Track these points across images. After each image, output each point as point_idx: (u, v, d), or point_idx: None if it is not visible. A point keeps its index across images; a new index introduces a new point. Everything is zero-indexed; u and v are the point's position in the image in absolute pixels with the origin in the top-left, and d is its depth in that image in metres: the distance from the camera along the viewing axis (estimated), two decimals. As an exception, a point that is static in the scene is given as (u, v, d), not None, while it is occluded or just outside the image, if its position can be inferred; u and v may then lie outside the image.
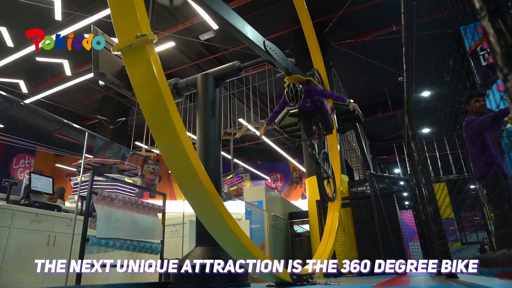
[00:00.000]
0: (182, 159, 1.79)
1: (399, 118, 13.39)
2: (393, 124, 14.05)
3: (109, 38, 3.47)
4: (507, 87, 0.57)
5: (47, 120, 11.54)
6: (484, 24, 0.63)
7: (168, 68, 10.86)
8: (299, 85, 3.94)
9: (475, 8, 0.70)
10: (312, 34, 5.83)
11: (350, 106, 4.10)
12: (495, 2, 0.61)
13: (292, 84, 3.93)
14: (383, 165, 19.89)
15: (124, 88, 3.49)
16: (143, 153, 11.64)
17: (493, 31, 0.61)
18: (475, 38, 6.44)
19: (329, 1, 8.91)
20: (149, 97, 1.64)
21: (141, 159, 13.11)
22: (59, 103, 12.70)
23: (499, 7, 0.60)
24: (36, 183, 4.03)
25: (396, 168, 19.05)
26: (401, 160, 17.05)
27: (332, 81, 9.30)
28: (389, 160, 19.30)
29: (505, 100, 2.84)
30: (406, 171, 10.78)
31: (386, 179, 7.67)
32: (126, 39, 1.65)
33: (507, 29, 0.59)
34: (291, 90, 3.89)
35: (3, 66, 9.13)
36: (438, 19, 2.17)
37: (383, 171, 19.17)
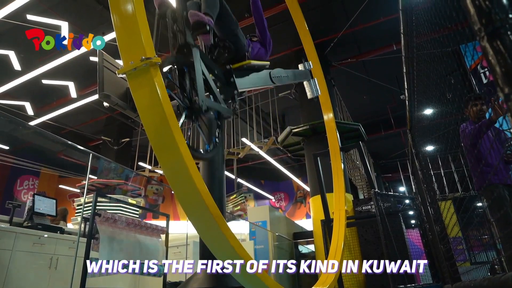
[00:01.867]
0: (186, 180, 1.79)
1: (402, 136, 13.39)
2: (397, 142, 14.03)
3: (114, 61, 3.54)
4: (509, 106, 0.58)
5: (52, 142, 11.65)
6: (483, 45, 0.64)
7: (172, 90, 10.98)
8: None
9: (473, 29, 0.71)
10: (313, 54, 5.91)
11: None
12: (492, 24, 0.62)
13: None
14: (388, 184, 19.75)
15: (128, 110, 3.52)
16: (146, 173, 11.64)
17: (492, 52, 0.62)
18: (475, 56, 6.51)
19: (329, 22, 9.09)
20: (153, 119, 1.66)
21: (145, 180, 13.11)
22: (64, 125, 12.83)
23: (497, 29, 0.61)
24: (39, 205, 4.03)
25: (401, 186, 18.89)
26: (405, 178, 16.92)
27: (334, 100, 9.37)
28: (393, 178, 19.17)
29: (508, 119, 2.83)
30: (411, 189, 10.67)
31: (391, 198, 7.59)
32: (131, 62, 1.68)
33: (506, 50, 0.60)
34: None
35: (10, 89, 9.30)
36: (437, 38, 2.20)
37: (387, 189, 19.01)
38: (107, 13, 8.17)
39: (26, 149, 13.60)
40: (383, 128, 13.98)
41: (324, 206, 5.69)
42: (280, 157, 15.02)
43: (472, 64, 6.61)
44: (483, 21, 0.65)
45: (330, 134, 5.11)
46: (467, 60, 6.70)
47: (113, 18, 1.87)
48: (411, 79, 2.98)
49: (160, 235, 4.16)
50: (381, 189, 15.99)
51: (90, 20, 8.64)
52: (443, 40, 1.86)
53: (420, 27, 2.36)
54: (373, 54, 9.95)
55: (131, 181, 7.48)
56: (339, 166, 5.65)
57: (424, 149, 4.27)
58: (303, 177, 16.57)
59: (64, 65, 8.32)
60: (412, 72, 2.88)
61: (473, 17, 0.69)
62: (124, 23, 1.82)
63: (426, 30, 2.22)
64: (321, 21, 8.99)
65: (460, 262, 3.44)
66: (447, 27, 1.60)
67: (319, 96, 5.47)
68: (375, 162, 16.60)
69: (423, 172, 3.44)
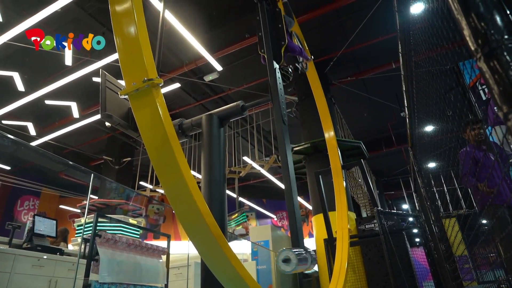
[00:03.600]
0: (187, 200, 1.78)
1: (403, 153, 13.37)
2: (398, 159, 14.00)
3: (116, 81, 3.59)
4: (508, 126, 0.58)
5: (53, 162, 11.66)
6: (480, 65, 0.65)
7: (174, 108, 11.09)
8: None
9: (470, 49, 0.72)
10: (313, 73, 5.97)
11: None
12: (489, 45, 0.63)
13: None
14: (391, 201, 19.58)
15: (130, 130, 3.54)
16: (147, 193, 11.59)
17: (489, 72, 0.63)
18: (473, 74, 6.56)
19: (328, 42, 9.24)
20: (155, 140, 1.66)
21: (146, 199, 13.04)
22: (66, 145, 12.89)
23: (493, 49, 0.62)
24: (39, 226, 4.00)
25: (404, 203, 18.73)
26: (408, 195, 16.79)
27: (335, 118, 9.41)
28: (396, 196, 19.02)
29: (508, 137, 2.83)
30: (415, 206, 10.56)
31: (395, 216, 7.51)
32: (134, 83, 1.70)
33: (503, 70, 0.61)
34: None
35: (13, 109, 9.39)
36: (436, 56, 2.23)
37: (391, 207, 18.84)
38: (110, 34, 8.35)
39: (27, 169, 13.61)
40: (385, 146, 13.98)
41: (327, 225, 5.64)
42: (281, 176, 14.96)
43: (471, 82, 6.66)
44: (479, 42, 0.66)
45: (331, 152, 5.11)
46: (466, 76, 6.75)
47: (116, 40, 1.90)
48: (411, 97, 3.00)
49: (161, 256, 4.10)
50: (384, 207, 15.84)
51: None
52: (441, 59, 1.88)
53: (418, 47, 2.39)
54: (373, 72, 10.06)
55: (132, 201, 7.44)
56: (341, 184, 5.62)
57: (426, 166, 4.26)
58: (305, 196, 16.47)
59: (67, 86, 8.43)
60: (412, 90, 2.91)
61: (469, 38, 0.70)
62: (127, 45, 1.86)
63: (424, 49, 2.26)
64: (320, 40, 9.14)
65: (467, 281, 3.36)
66: (444, 46, 1.62)
67: (319, 113, 5.50)
68: (377, 180, 16.51)
69: (426, 190, 3.41)
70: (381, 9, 7.33)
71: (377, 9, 7.46)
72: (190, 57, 9.06)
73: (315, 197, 8.09)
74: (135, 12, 1.90)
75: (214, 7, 8.12)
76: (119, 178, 12.30)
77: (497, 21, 0.65)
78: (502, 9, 0.67)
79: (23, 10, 7.32)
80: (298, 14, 6.86)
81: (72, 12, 7.73)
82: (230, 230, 10.05)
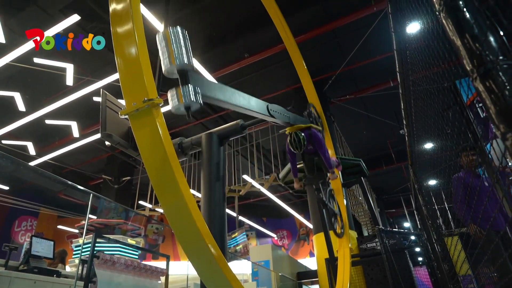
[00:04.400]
0: (186, 220, 1.77)
1: (404, 170, 13.35)
2: (399, 176, 13.96)
3: (116, 101, 3.61)
4: (506, 146, 0.58)
5: (52, 181, 11.61)
6: (477, 85, 0.66)
7: (174, 127, 11.13)
8: (301, 133, 3.98)
9: (466, 69, 0.73)
10: (312, 91, 6.03)
11: (329, 175, 4.32)
12: (484, 66, 0.64)
13: (294, 133, 3.97)
14: (392, 219, 19.40)
15: (130, 149, 3.54)
16: (147, 212, 11.49)
17: (486, 92, 0.64)
18: (470, 92, 6.60)
19: (327, 61, 9.37)
20: (155, 159, 1.66)
21: (145, 219, 12.92)
22: (65, 164, 12.86)
23: (488, 70, 0.63)
24: (37, 247, 3.94)
25: (406, 221, 18.54)
26: (410, 213, 16.66)
27: (334, 136, 9.43)
28: (397, 213, 18.86)
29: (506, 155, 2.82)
30: (416, 224, 10.45)
31: (396, 234, 7.42)
32: (134, 103, 1.71)
33: (499, 90, 0.61)
34: (294, 139, 3.93)
35: (14, 129, 9.41)
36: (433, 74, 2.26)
37: (392, 225, 18.65)
38: (111, 54, 8.44)
39: (26, 189, 13.53)
40: (385, 163, 13.97)
41: (328, 244, 5.56)
42: (281, 194, 14.88)
43: (468, 100, 6.71)
44: (474, 63, 0.67)
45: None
46: (463, 94, 6.79)
47: (117, 61, 1.93)
48: (409, 115, 3.02)
49: (160, 277, 4.03)
50: (385, 225, 15.68)
51: (94, 61, 8.93)
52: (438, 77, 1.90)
53: (415, 66, 2.43)
54: (371, 90, 10.16)
55: (131, 221, 7.36)
56: (341, 203, 5.59)
57: (426, 183, 4.24)
58: (306, 214, 16.33)
59: (67, 105, 8.48)
60: (410, 109, 2.93)
61: (465, 59, 0.71)
62: (127, 65, 1.88)
63: (421, 68, 2.29)
64: (318, 59, 9.27)
65: (472, 302, 3.29)
66: (440, 66, 1.64)
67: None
68: (378, 198, 16.41)
69: (427, 207, 3.39)
70: (378, 29, 7.47)
71: (373, 28, 7.61)
72: (190, 76, 9.16)
73: (316, 216, 8.02)
74: (136, 33, 1.94)
75: (214, 28, 8.28)
76: (119, 197, 12.22)
77: (491, 42, 0.66)
78: (496, 30, 0.69)
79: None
80: (296, 34, 6.99)
81: (73, 32, 7.86)
82: (230, 250, 9.92)
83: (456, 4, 0.74)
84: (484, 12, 0.72)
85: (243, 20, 8.14)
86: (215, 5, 7.86)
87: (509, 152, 0.58)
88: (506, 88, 0.61)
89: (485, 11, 0.71)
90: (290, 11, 7.43)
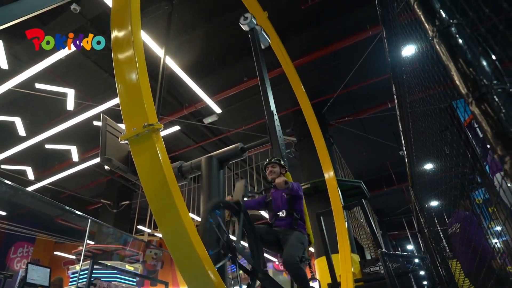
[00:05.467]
0: (186, 246, 1.74)
1: (405, 191, 13.27)
2: (400, 198, 13.86)
3: (116, 125, 3.63)
4: (505, 169, 0.58)
5: (50, 206, 11.49)
6: (473, 109, 0.67)
7: (173, 151, 11.14)
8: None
9: (461, 93, 0.74)
10: (311, 113, 6.08)
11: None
12: (479, 90, 0.65)
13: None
14: (395, 242, 19.11)
15: (129, 173, 3.53)
16: (145, 237, 11.33)
17: (482, 116, 0.65)
18: (468, 112, 6.65)
19: (325, 83, 9.50)
20: (154, 184, 1.66)
21: (143, 244, 12.71)
22: (64, 188, 12.78)
23: (483, 94, 0.64)
24: (32, 274, 3.86)
25: (409, 244, 18.26)
26: (413, 235, 16.42)
27: (334, 158, 9.43)
28: (400, 236, 18.59)
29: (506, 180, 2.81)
30: (420, 247, 10.28)
31: (400, 258, 7.28)
32: (134, 128, 1.72)
33: (495, 114, 0.62)
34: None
35: (13, 154, 9.41)
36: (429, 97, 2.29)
37: (395, 248, 18.35)
38: (112, 79, 8.57)
39: (23, 215, 13.37)
40: (385, 184, 13.90)
41: (330, 268, 5.45)
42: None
43: (467, 118, 6.75)
44: (469, 87, 0.68)
45: (332, 193, 5.06)
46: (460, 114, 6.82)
47: (117, 86, 1.96)
48: (408, 136, 3.04)
49: (158, 304, 3.93)
50: (388, 248, 15.42)
51: (95, 86, 9.03)
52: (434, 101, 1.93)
53: (412, 88, 2.46)
54: (369, 112, 10.24)
55: (129, 246, 7.24)
56: (343, 225, 5.52)
57: (428, 205, 4.20)
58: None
59: (67, 130, 8.52)
60: (408, 130, 2.94)
61: (459, 83, 0.72)
62: (128, 91, 1.91)
63: (418, 90, 2.32)
64: (316, 82, 9.39)
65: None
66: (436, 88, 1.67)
67: (318, 154, 5.52)
68: (379, 220, 16.23)
69: (430, 230, 3.34)
70: (374, 52, 7.61)
71: (370, 51, 7.75)
72: (189, 100, 9.26)
73: (317, 239, 7.89)
74: (136, 60, 1.97)
75: (214, 52, 8.44)
76: (117, 221, 12.07)
77: (484, 67, 0.67)
78: (488, 55, 0.71)
79: (30, 59, 7.58)
80: (294, 58, 7.12)
81: (76, 59, 8.00)
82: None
83: (449, 31, 0.76)
84: (476, 38, 0.74)
85: (242, 45, 8.31)
86: (214, 31, 8.05)
87: (508, 175, 0.58)
88: (502, 111, 0.61)
89: (477, 37, 0.73)
90: (288, 35, 7.60)
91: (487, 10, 0.73)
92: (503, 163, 0.59)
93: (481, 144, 6.44)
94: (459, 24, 0.76)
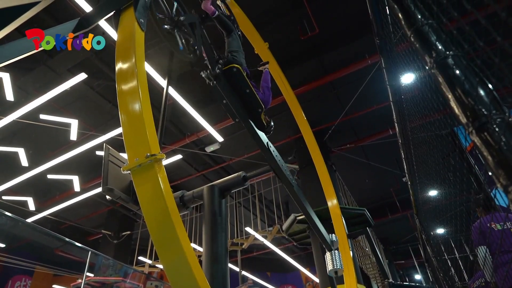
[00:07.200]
0: (187, 278, 1.70)
1: (410, 218, 13.05)
2: (405, 225, 13.62)
3: (118, 155, 3.64)
4: (510, 199, 0.58)
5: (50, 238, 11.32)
6: (473, 139, 0.67)
7: (175, 179, 11.10)
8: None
9: (461, 122, 0.75)
10: (312, 141, 6.09)
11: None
12: (479, 120, 0.66)
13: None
14: (402, 271, 18.57)
15: (130, 203, 3.51)
16: (146, 269, 11.07)
17: (483, 145, 0.65)
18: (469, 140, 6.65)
19: (326, 111, 9.58)
20: (156, 215, 1.64)
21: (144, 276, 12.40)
22: (64, 219, 12.64)
23: (483, 124, 0.65)
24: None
25: (416, 273, 17.73)
26: (420, 264, 15.99)
27: (336, 186, 9.36)
28: (407, 265, 18.11)
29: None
30: (428, 276, 9.97)
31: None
32: (136, 159, 1.73)
33: (496, 143, 0.63)
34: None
35: (15, 185, 9.39)
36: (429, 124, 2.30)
37: (402, 278, 17.81)
38: (115, 110, 8.70)
39: (22, 247, 13.14)
40: (390, 212, 13.70)
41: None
42: (285, 246, 14.43)
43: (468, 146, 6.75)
44: (469, 117, 0.69)
45: (335, 221, 4.99)
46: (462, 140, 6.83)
47: (121, 117, 1.98)
48: (410, 163, 3.03)
49: None
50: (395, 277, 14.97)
51: (99, 116, 9.14)
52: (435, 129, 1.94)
53: (412, 116, 2.48)
54: (371, 139, 10.27)
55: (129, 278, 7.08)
56: (348, 254, 5.39)
57: (434, 232, 4.12)
58: (311, 267, 15.67)
59: (70, 160, 8.54)
60: (411, 157, 2.94)
61: (459, 112, 0.73)
62: (131, 122, 1.93)
63: (418, 117, 2.34)
64: (317, 110, 9.49)
65: None
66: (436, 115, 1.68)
67: (321, 181, 5.47)
68: (385, 248, 15.86)
69: (437, 259, 3.26)
70: (374, 80, 7.73)
71: (369, 79, 7.88)
72: (191, 129, 9.34)
73: (322, 270, 7.69)
74: (140, 91, 2.01)
75: (215, 82, 8.58)
76: (118, 252, 11.84)
77: (483, 97, 0.69)
78: (486, 85, 0.72)
79: (35, 90, 7.72)
80: (295, 87, 7.22)
81: (80, 90, 8.14)
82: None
83: (446, 62, 0.78)
84: (473, 69, 0.75)
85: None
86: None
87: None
88: (502, 141, 0.62)
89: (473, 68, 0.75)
90: (288, 65, 7.76)
91: (481, 43, 0.75)
92: (507, 193, 0.59)
93: (485, 170, 6.39)
94: (455, 56, 0.78)
